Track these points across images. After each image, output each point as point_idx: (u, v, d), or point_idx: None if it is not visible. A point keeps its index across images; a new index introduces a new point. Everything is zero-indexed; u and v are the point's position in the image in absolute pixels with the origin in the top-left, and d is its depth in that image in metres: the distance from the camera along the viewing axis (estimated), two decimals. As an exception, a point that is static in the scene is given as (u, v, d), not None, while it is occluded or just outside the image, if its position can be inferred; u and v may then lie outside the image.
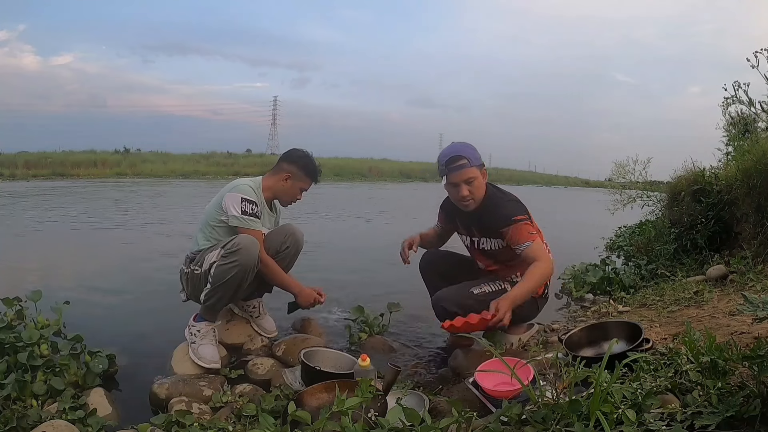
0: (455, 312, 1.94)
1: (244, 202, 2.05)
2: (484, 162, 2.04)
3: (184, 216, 7.13)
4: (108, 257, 4.32)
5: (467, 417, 1.13)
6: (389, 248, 2.76)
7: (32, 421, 1.43)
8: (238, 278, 1.93)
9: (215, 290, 1.95)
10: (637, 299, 2.73)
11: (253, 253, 1.94)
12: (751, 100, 3.64)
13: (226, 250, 1.94)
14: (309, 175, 2.27)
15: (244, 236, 1.97)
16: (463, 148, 2.02)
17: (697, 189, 3.33)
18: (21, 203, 8.81)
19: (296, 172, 2.24)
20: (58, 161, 22.53)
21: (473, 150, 2.02)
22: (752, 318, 1.55)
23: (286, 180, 2.23)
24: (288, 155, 2.29)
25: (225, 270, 1.91)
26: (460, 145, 2.05)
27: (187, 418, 1.49)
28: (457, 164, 1.96)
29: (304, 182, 2.27)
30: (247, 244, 1.93)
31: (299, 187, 2.27)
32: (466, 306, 1.95)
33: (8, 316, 2.05)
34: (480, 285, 2.05)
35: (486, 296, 1.99)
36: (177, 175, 22.32)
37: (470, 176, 1.97)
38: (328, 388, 1.47)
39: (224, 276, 1.91)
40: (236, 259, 1.90)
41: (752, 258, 2.61)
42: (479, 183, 2.00)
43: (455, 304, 1.96)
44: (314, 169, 2.29)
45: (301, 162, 2.26)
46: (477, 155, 2.01)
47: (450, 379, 1.94)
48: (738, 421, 0.94)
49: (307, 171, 2.26)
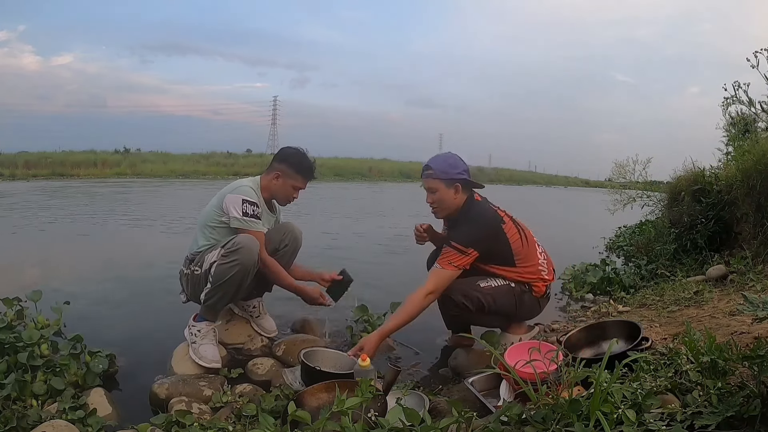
0: (461, 301, 1.99)
1: (245, 204, 2.05)
2: (464, 178, 2.05)
3: (185, 215, 7.13)
4: (108, 257, 4.31)
5: (467, 417, 1.13)
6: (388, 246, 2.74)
7: (32, 421, 1.43)
8: (238, 277, 1.93)
9: (215, 290, 1.95)
10: (637, 299, 2.73)
11: (253, 252, 1.94)
12: (751, 100, 3.64)
13: (226, 250, 1.94)
14: (300, 173, 2.21)
15: (244, 236, 1.97)
16: (438, 159, 2.09)
17: (697, 189, 3.33)
18: (21, 203, 8.80)
19: (287, 170, 2.19)
20: (58, 161, 22.52)
21: (448, 164, 2.06)
22: (752, 318, 1.55)
23: (277, 178, 2.20)
24: (279, 153, 2.26)
25: (225, 269, 1.91)
26: (443, 156, 2.12)
27: (187, 418, 1.49)
28: (425, 172, 2.09)
29: (296, 180, 2.21)
30: (248, 243, 1.93)
31: (291, 185, 2.21)
32: (471, 297, 1.99)
33: (8, 316, 2.05)
34: (486, 279, 2.07)
35: (492, 290, 2.03)
36: (177, 175, 22.32)
37: (431, 186, 2.07)
38: (328, 388, 1.47)
39: (225, 275, 1.91)
40: (236, 258, 1.90)
41: (752, 258, 2.61)
42: (441, 195, 2.06)
43: (461, 294, 1.99)
44: (305, 167, 2.22)
45: (291, 160, 2.21)
46: (450, 170, 2.04)
47: (450, 379, 1.95)
48: (738, 421, 0.94)
49: (298, 169, 2.20)
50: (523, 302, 2.10)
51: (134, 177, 20.91)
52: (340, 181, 23.09)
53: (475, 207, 2.10)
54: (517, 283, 2.08)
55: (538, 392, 1.10)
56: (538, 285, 2.11)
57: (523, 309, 2.13)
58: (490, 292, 2.02)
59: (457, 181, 2.05)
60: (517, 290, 2.07)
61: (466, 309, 2.02)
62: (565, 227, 8.23)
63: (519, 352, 1.50)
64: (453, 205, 2.08)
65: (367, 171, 30.36)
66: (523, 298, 2.09)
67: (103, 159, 24.49)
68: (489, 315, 2.05)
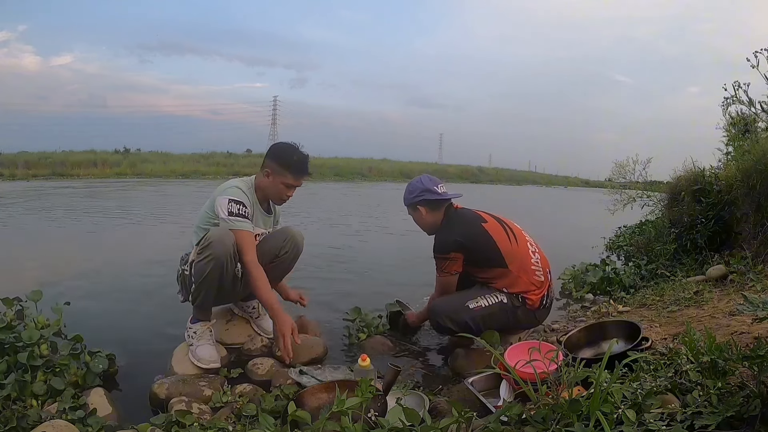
0: (449, 327, 2.07)
1: (231, 203, 2.01)
2: (423, 198, 2.16)
3: (186, 214, 7.13)
4: (108, 256, 4.31)
5: (467, 417, 1.13)
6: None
7: (32, 421, 1.42)
8: (216, 272, 1.90)
9: (198, 288, 1.95)
10: (637, 299, 2.73)
11: (225, 243, 1.89)
12: (751, 100, 3.64)
13: (200, 247, 1.93)
14: (289, 170, 2.09)
15: (216, 229, 1.94)
16: (405, 189, 2.25)
17: (697, 189, 3.33)
18: (21, 203, 8.80)
19: (275, 167, 2.11)
20: (58, 161, 22.51)
21: (408, 191, 2.22)
22: (752, 318, 1.55)
23: (267, 176, 2.13)
24: (269, 150, 2.19)
25: (202, 266, 1.90)
26: (408, 185, 2.26)
27: (187, 418, 1.49)
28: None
29: (285, 177, 2.10)
30: (219, 236, 1.90)
31: (282, 182, 2.11)
32: (461, 322, 2.03)
33: (8, 316, 2.05)
34: (476, 298, 2.06)
35: (482, 311, 2.04)
36: (177, 175, 22.31)
37: (408, 213, 2.27)
38: (328, 388, 1.47)
39: (203, 272, 1.90)
40: (209, 253, 1.88)
41: (752, 258, 2.61)
42: (414, 218, 2.25)
43: (450, 320, 2.06)
44: (295, 162, 2.10)
45: (280, 155, 2.11)
46: (408, 196, 2.21)
47: (450, 379, 1.94)
48: (738, 421, 0.94)
49: (286, 165, 2.09)
50: (517, 318, 2.08)
51: (134, 177, 20.91)
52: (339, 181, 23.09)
53: (452, 216, 2.18)
54: (509, 296, 2.06)
55: (538, 392, 1.10)
56: (531, 298, 2.07)
57: (518, 324, 2.13)
58: (480, 314, 2.03)
59: (417, 204, 2.18)
60: (509, 306, 2.05)
61: (452, 333, 2.10)
62: (566, 227, 8.23)
63: (519, 352, 1.50)
64: (428, 223, 2.21)
65: (367, 171, 30.36)
66: (517, 314, 2.07)
67: (103, 159, 24.48)
68: (480, 333, 2.05)
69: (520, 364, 1.29)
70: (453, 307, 2.06)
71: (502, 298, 2.06)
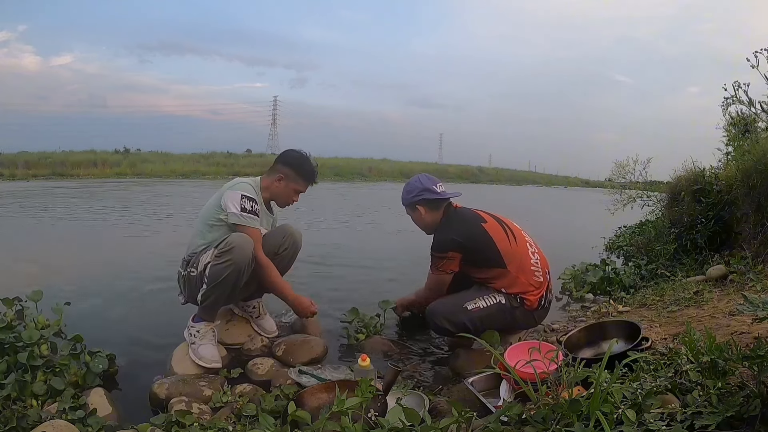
0: (446, 329, 2.07)
1: (244, 200, 2.04)
2: (422, 198, 2.16)
3: (186, 214, 7.13)
4: (108, 256, 4.31)
5: (467, 417, 1.13)
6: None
7: (32, 421, 1.42)
8: (232, 277, 1.92)
9: (211, 290, 1.95)
10: (637, 299, 2.73)
11: (246, 251, 1.93)
12: (751, 100, 3.64)
13: (219, 250, 1.93)
14: (303, 177, 2.23)
15: (237, 234, 1.96)
16: (403, 189, 2.25)
17: (697, 189, 3.33)
18: (21, 203, 8.80)
19: (290, 174, 2.21)
20: (58, 161, 22.52)
21: (406, 191, 2.23)
22: (752, 318, 1.55)
23: (279, 181, 2.21)
24: (283, 156, 2.27)
25: (219, 270, 1.90)
26: (406, 184, 2.26)
27: (187, 418, 1.49)
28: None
29: (298, 184, 2.23)
30: (241, 242, 1.92)
31: (293, 189, 2.23)
32: (458, 324, 2.03)
33: (8, 316, 2.05)
34: (474, 299, 2.06)
35: (480, 312, 2.04)
36: (177, 175, 22.31)
37: (407, 213, 2.26)
38: (328, 388, 1.47)
39: (219, 276, 1.91)
40: (230, 258, 1.89)
41: (752, 258, 2.61)
42: (413, 218, 2.25)
43: (447, 321, 2.06)
44: (309, 171, 2.24)
45: (295, 163, 2.22)
46: (406, 196, 2.21)
47: (450, 379, 1.94)
48: (738, 421, 0.94)
49: (301, 173, 2.22)
50: (515, 318, 2.08)
51: (134, 177, 20.91)
52: (339, 181, 23.10)
53: (451, 215, 2.19)
54: (508, 297, 2.05)
55: (538, 392, 1.10)
56: (529, 298, 2.07)
57: (516, 325, 2.13)
58: (478, 315, 2.03)
59: (416, 203, 2.17)
60: (508, 307, 2.05)
61: (450, 334, 2.11)
62: (566, 227, 8.22)
63: (519, 352, 1.50)
64: (427, 222, 2.21)
65: (366, 171, 30.35)
66: (515, 315, 2.07)
67: (103, 159, 24.49)
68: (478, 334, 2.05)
69: (520, 364, 1.29)
70: (451, 308, 2.06)
71: (501, 298, 2.06)
